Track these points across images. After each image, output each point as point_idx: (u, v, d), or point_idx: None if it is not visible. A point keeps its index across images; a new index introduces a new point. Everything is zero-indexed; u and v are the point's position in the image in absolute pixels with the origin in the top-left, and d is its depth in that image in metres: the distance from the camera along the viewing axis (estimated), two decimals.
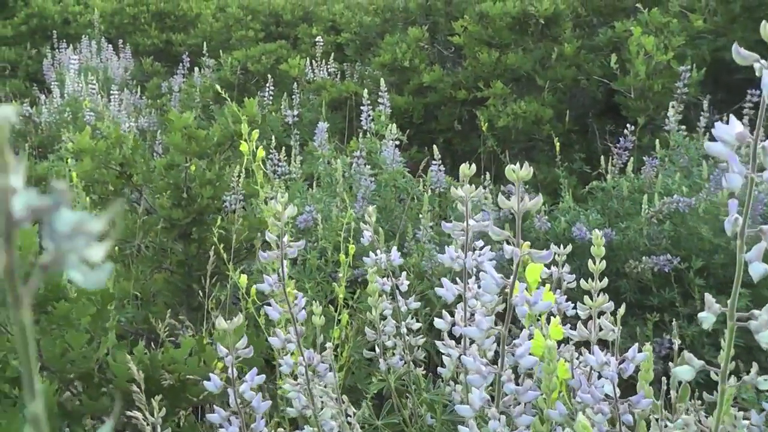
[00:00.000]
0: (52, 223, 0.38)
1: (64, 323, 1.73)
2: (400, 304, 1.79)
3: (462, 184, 1.44)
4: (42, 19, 10.47)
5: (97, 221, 0.38)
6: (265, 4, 9.47)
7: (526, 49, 6.28)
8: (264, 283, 1.40)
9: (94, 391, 1.80)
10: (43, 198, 0.38)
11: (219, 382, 1.29)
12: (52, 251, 0.38)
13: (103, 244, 0.39)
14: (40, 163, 6.03)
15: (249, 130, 2.30)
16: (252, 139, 2.30)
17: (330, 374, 1.42)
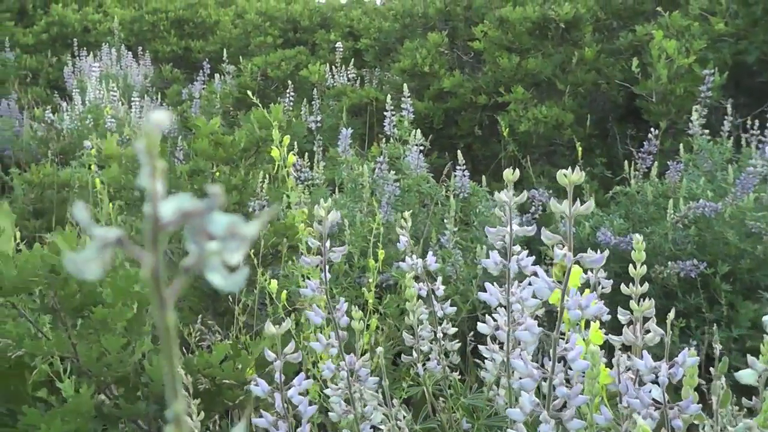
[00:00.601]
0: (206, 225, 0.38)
1: (101, 328, 1.74)
2: (436, 309, 1.79)
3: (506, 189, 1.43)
4: (62, 27, 10.55)
5: (249, 225, 0.39)
6: (283, 10, 9.51)
7: (546, 53, 6.27)
8: (306, 288, 1.40)
9: (131, 395, 1.81)
10: (196, 202, 0.39)
11: (266, 386, 1.29)
12: (196, 254, 0.39)
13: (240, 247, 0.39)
14: (63, 169, 6.06)
15: (280, 135, 2.30)
16: (283, 145, 2.31)
17: (372, 378, 1.42)
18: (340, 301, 1.41)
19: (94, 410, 1.75)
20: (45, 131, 7.46)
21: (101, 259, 0.39)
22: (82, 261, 0.39)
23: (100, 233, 0.39)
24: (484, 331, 1.46)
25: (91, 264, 0.39)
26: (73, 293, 1.73)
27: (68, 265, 0.39)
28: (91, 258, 0.39)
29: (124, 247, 0.40)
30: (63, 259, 1.48)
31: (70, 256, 0.39)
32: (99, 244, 0.39)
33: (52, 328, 1.83)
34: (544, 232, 1.25)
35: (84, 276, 0.39)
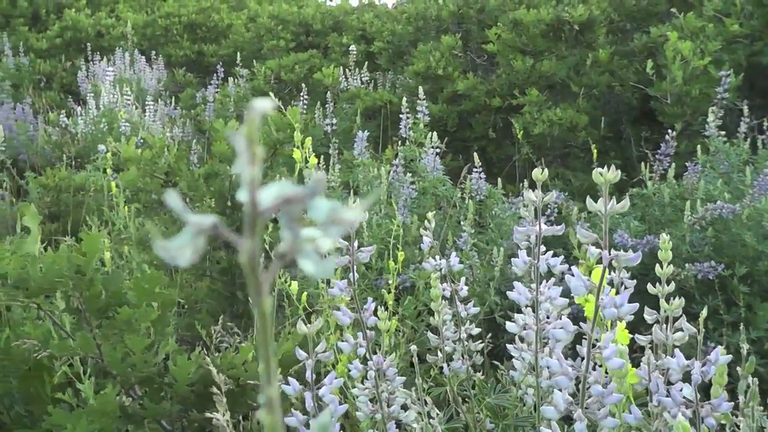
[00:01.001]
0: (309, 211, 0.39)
1: (126, 328, 1.75)
2: (459, 310, 1.79)
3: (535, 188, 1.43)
4: (76, 32, 10.60)
5: (351, 211, 0.39)
6: (295, 14, 9.54)
7: (560, 55, 6.26)
8: (334, 288, 1.40)
9: (155, 395, 1.81)
10: (298, 188, 0.39)
11: (297, 385, 1.30)
12: (290, 241, 0.39)
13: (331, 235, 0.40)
14: (78, 173, 6.09)
15: (302, 137, 2.31)
16: (305, 146, 2.31)
17: (399, 378, 1.42)
18: (367, 300, 1.41)
19: (119, 410, 1.76)
20: (59, 135, 7.49)
21: (195, 246, 0.39)
22: (176, 248, 0.39)
23: (195, 220, 0.40)
24: (513, 330, 1.46)
25: (185, 251, 0.39)
26: (98, 294, 1.74)
27: (161, 253, 0.39)
28: (185, 244, 0.39)
29: (219, 233, 0.40)
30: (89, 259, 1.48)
31: (163, 243, 0.39)
32: (193, 231, 0.39)
33: (76, 328, 1.84)
34: (580, 230, 1.25)
35: (177, 263, 0.39)
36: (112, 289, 1.75)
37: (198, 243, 0.40)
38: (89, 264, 1.66)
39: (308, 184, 0.39)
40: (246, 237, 0.39)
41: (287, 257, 0.39)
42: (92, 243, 1.65)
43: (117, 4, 13.10)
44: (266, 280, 0.40)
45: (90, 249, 1.65)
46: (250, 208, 0.39)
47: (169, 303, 1.82)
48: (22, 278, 1.67)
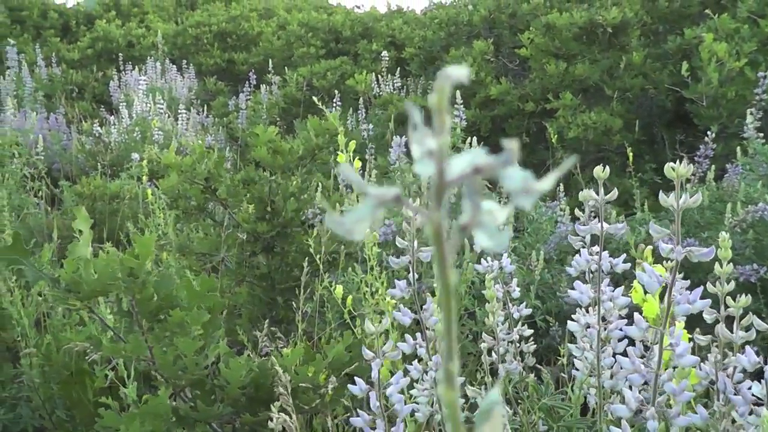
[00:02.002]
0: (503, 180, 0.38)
1: (179, 331, 1.75)
2: (512, 311, 1.77)
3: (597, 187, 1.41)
4: (107, 42, 10.70)
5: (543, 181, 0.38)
6: (325, 21, 9.56)
7: (593, 59, 6.22)
8: (395, 290, 1.39)
9: (205, 398, 1.81)
10: (490, 157, 0.38)
11: (364, 385, 1.29)
12: (471, 213, 0.38)
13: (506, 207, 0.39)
14: (113, 181, 6.13)
15: (346, 141, 2.30)
16: (350, 150, 2.31)
17: (459, 379, 1.40)
18: (427, 300, 1.40)
19: (171, 413, 1.76)
20: (93, 144, 7.55)
21: (373, 219, 0.39)
22: (353, 221, 0.38)
23: (376, 192, 0.39)
24: (575, 329, 1.44)
25: (362, 224, 0.39)
26: (150, 297, 1.74)
27: (334, 227, 0.38)
28: (363, 218, 0.38)
29: (401, 205, 0.39)
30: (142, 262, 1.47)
31: (337, 217, 0.38)
32: (373, 203, 0.38)
33: (128, 331, 1.84)
34: (653, 226, 1.24)
35: (351, 236, 0.39)
36: (163, 292, 1.75)
37: (377, 216, 0.39)
38: (142, 266, 1.66)
39: (500, 154, 0.38)
40: (432, 208, 0.39)
41: (468, 229, 0.38)
42: (144, 246, 1.65)
43: (146, 14, 13.22)
44: (450, 251, 0.39)
45: (142, 251, 1.65)
46: (437, 178, 0.38)
47: (220, 306, 1.82)
48: (75, 281, 1.67)
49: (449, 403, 0.36)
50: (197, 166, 3.20)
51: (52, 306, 3.40)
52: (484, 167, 0.37)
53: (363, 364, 1.96)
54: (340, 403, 1.92)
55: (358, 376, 1.97)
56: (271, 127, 3.15)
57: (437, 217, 0.38)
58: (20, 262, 1.72)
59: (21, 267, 1.72)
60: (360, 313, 2.47)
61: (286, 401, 1.36)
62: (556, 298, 3.70)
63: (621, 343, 1.39)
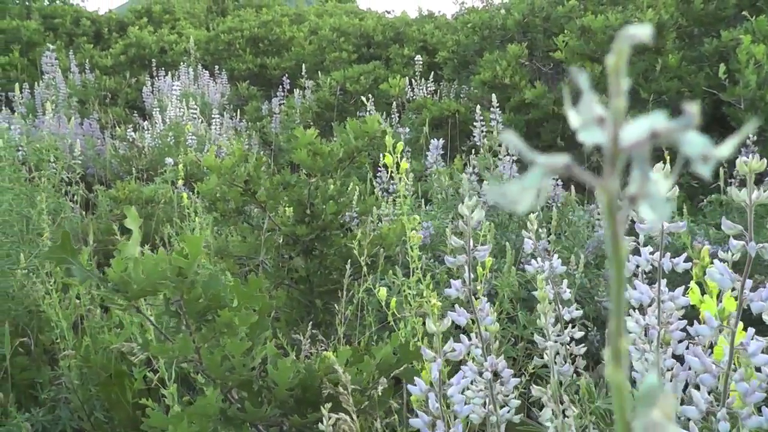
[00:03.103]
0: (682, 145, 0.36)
1: (227, 331, 1.74)
2: (563, 313, 1.75)
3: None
4: (140, 48, 10.78)
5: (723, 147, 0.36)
6: (356, 25, 9.57)
7: (630, 61, 6.17)
8: (451, 288, 1.37)
9: (253, 399, 1.80)
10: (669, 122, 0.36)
11: (424, 385, 1.27)
12: (640, 183, 0.36)
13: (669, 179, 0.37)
14: (147, 185, 6.16)
15: (393, 142, 2.28)
16: (397, 151, 2.29)
17: (513, 380, 1.38)
18: (482, 301, 1.38)
19: (219, 413, 1.75)
20: (127, 149, 7.60)
21: (540, 189, 0.37)
22: (517, 191, 0.36)
23: (545, 159, 0.37)
24: (635, 330, 1.42)
25: (528, 194, 0.37)
26: (198, 297, 1.73)
27: (496, 198, 0.37)
28: (529, 187, 0.37)
29: (572, 173, 0.38)
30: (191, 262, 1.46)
31: (498, 187, 0.36)
32: (542, 171, 0.37)
33: (173, 332, 1.83)
34: (725, 222, 1.21)
35: (515, 208, 0.37)
36: (210, 292, 1.74)
37: (545, 185, 0.37)
38: (191, 266, 1.66)
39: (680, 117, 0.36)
40: (606, 177, 0.37)
41: (637, 200, 0.36)
42: (194, 245, 1.64)
43: (177, 21, 13.31)
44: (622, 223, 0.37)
45: (192, 251, 1.64)
46: (611, 144, 0.36)
47: (268, 308, 1.81)
48: (124, 281, 1.67)
49: (617, 385, 0.34)
50: (237, 169, 3.19)
51: (89, 308, 3.41)
52: (663, 132, 0.35)
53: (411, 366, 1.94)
54: (388, 405, 1.90)
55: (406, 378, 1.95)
56: (311, 129, 3.14)
57: (611, 186, 0.36)
58: (69, 261, 1.72)
59: (70, 267, 1.72)
60: (403, 316, 2.45)
61: (346, 401, 1.34)
62: (594, 302, 3.66)
63: (680, 345, 1.36)
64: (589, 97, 0.36)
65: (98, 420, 3.17)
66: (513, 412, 1.38)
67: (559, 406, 1.19)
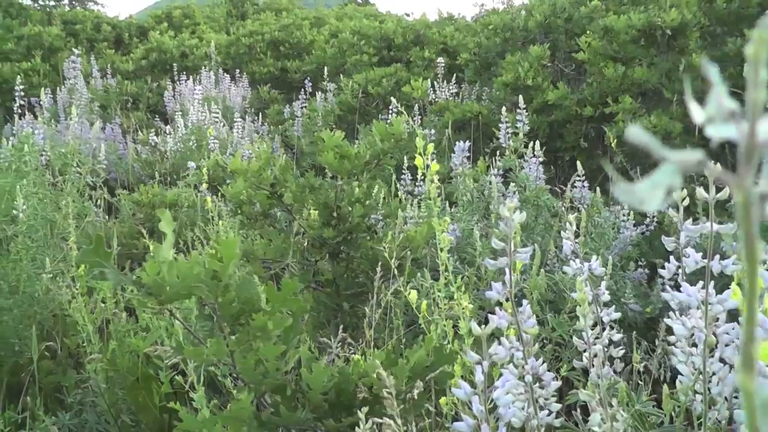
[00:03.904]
0: None
1: (261, 335, 1.73)
2: (601, 315, 1.72)
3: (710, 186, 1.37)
4: (161, 53, 10.82)
5: None
6: (377, 28, 9.56)
7: (652, 62, 6.13)
8: (491, 291, 1.36)
9: (287, 403, 1.79)
10: None
11: (468, 388, 1.25)
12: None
13: None
14: (170, 189, 6.17)
15: (423, 144, 2.27)
16: (427, 153, 2.28)
17: (554, 383, 1.36)
18: (523, 303, 1.36)
19: (253, 417, 1.74)
20: (149, 153, 7.63)
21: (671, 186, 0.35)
22: (647, 189, 0.35)
23: (677, 155, 0.35)
24: (681, 332, 1.39)
25: (658, 192, 0.35)
26: (231, 300, 1.72)
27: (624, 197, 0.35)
28: (659, 185, 0.35)
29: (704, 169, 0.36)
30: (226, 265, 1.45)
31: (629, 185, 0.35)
32: (673, 168, 0.35)
33: (208, 335, 1.82)
34: None
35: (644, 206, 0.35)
36: (244, 295, 1.73)
37: (675, 182, 0.35)
38: (225, 269, 1.65)
39: None
40: (741, 174, 0.35)
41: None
42: (229, 248, 1.63)
43: (197, 25, 13.37)
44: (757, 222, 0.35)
45: (227, 254, 1.63)
46: (747, 139, 0.35)
47: (302, 311, 1.80)
48: (157, 284, 1.66)
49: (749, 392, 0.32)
50: (263, 172, 3.19)
51: (114, 312, 3.42)
52: None
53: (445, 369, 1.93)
54: (422, 409, 1.88)
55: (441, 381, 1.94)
56: (338, 132, 3.13)
57: (747, 183, 0.34)
58: (102, 265, 1.72)
59: (103, 270, 1.71)
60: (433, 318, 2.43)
61: (391, 405, 1.32)
62: (621, 305, 3.62)
63: (728, 348, 1.33)
64: (719, 91, 0.35)
65: (125, 423, 3.18)
66: (554, 416, 1.36)
67: (607, 411, 1.18)
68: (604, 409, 1.17)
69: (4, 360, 3.41)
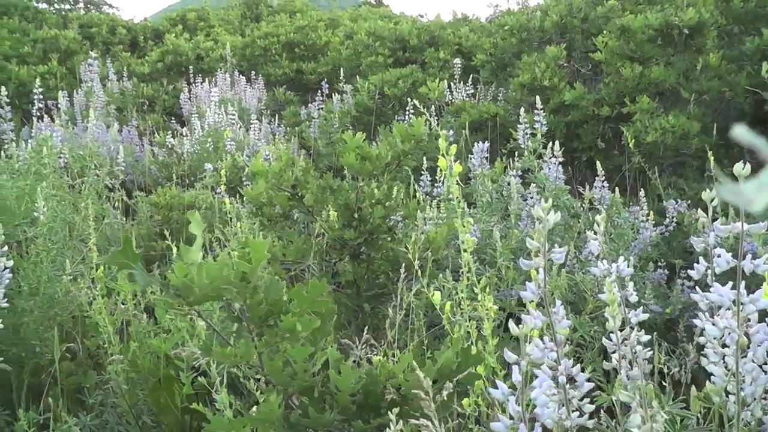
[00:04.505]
0: None
1: (290, 337, 1.73)
2: (629, 316, 1.72)
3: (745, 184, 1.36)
4: (176, 55, 10.86)
5: None
6: (392, 30, 9.56)
7: (669, 61, 6.10)
8: (526, 291, 1.35)
9: (316, 405, 1.79)
10: None
11: (506, 388, 1.25)
12: None
13: None
14: (187, 191, 6.19)
15: (446, 145, 2.27)
16: (450, 154, 2.28)
17: (587, 384, 1.36)
18: (556, 303, 1.36)
19: (282, 419, 1.74)
20: (166, 156, 7.65)
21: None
22: (754, 189, 0.35)
23: None
24: (714, 333, 1.39)
25: (765, 191, 0.35)
26: (260, 302, 1.72)
27: (729, 196, 0.35)
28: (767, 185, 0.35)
29: None
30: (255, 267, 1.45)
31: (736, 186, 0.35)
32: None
33: (236, 337, 1.83)
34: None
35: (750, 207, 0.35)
36: (272, 297, 1.74)
37: None
38: (255, 271, 1.65)
39: None
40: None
41: None
42: (258, 250, 1.63)
43: (212, 28, 13.41)
44: None
45: (256, 256, 1.64)
46: None
47: (330, 312, 1.80)
48: (186, 286, 1.67)
49: None
50: (285, 173, 3.20)
51: (135, 314, 3.43)
52: None
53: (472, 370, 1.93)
54: (451, 410, 1.88)
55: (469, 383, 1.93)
56: (359, 133, 3.13)
57: None
58: (131, 266, 1.72)
59: (132, 272, 1.72)
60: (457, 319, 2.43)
61: (428, 406, 1.32)
62: (641, 305, 3.61)
63: (759, 348, 1.33)
64: None
65: (146, 424, 3.19)
66: (587, 417, 1.36)
67: (647, 412, 1.17)
68: (646, 411, 1.16)
69: (25, 361, 3.43)
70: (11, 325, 3.10)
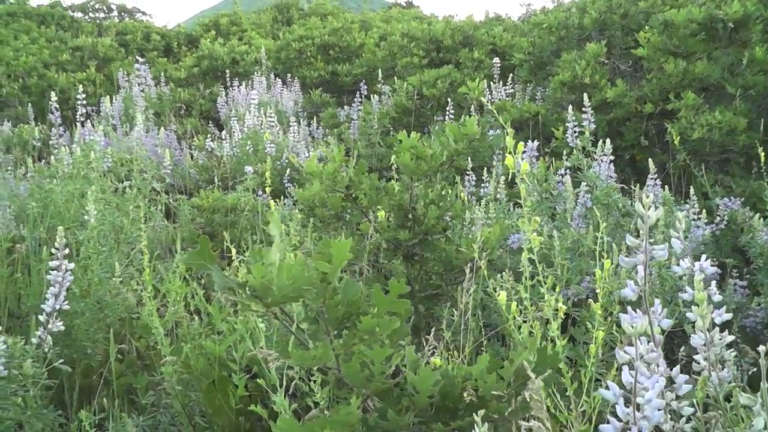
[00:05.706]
0: None
1: (369, 338, 1.72)
2: (713, 315, 1.69)
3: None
4: (212, 60, 10.93)
5: None
6: (426, 30, 9.54)
7: (713, 56, 6.02)
8: (626, 289, 1.33)
9: (393, 407, 1.78)
10: None
11: (618, 389, 1.23)
12: None
13: None
14: (228, 194, 6.21)
15: (514, 143, 2.25)
16: (518, 152, 2.26)
17: (686, 386, 1.34)
18: (655, 302, 1.33)
19: (360, 422, 1.73)
20: (206, 159, 7.69)
21: None
22: None
23: None
24: None
25: None
26: (338, 303, 1.72)
27: None
28: None
29: None
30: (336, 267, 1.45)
31: None
32: None
33: (312, 338, 1.82)
34: None
35: None
36: (349, 298, 1.73)
37: None
38: (335, 272, 1.65)
39: None
40: None
41: None
42: (341, 250, 1.63)
43: (245, 32, 13.46)
44: None
45: (338, 256, 1.63)
46: None
47: (408, 313, 1.79)
48: (265, 287, 1.66)
49: None
50: (338, 174, 3.19)
51: (185, 315, 3.45)
52: None
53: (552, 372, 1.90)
54: (528, 411, 1.86)
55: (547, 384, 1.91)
56: (414, 133, 3.12)
57: None
58: (207, 267, 1.73)
59: (209, 273, 1.72)
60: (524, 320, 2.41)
61: (539, 408, 1.31)
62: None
63: None
64: None
65: (199, 425, 3.20)
66: (685, 420, 1.33)
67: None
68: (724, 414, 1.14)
69: (76, 362, 3.46)
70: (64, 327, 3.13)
